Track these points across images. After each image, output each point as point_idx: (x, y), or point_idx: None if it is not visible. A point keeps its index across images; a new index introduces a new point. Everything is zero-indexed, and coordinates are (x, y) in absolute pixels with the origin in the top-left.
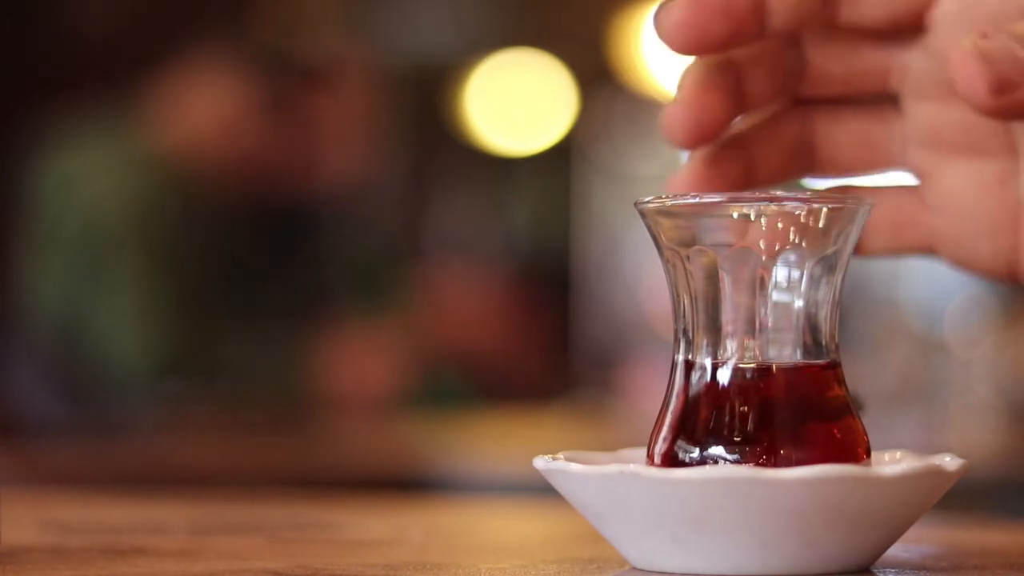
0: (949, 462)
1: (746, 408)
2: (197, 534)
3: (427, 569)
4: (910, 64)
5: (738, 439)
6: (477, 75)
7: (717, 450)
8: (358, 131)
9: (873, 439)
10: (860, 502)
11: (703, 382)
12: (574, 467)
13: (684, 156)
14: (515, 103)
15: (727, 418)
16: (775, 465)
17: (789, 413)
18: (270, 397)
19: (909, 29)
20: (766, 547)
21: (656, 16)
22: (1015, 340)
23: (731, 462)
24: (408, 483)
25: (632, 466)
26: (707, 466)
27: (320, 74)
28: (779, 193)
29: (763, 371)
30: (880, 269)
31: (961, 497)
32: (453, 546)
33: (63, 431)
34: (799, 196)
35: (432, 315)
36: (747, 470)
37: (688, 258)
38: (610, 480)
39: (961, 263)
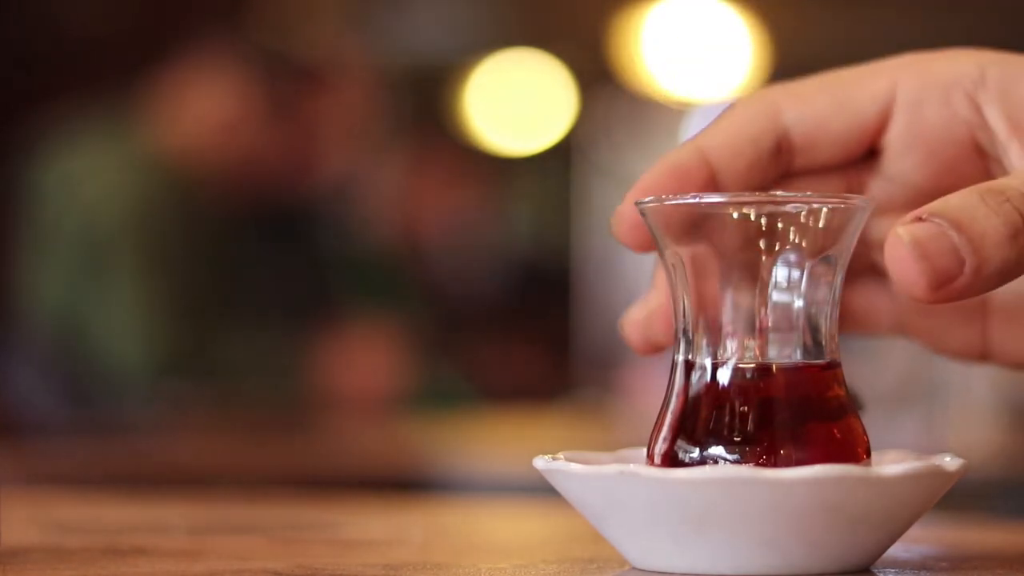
0: (949, 462)
1: (746, 408)
2: (197, 534)
3: (427, 569)
4: (868, 184)
5: (738, 439)
6: (477, 75)
7: (717, 450)
8: (357, 131)
9: (873, 439)
10: (860, 502)
11: (703, 382)
12: (574, 467)
13: None
14: (515, 103)
15: (727, 418)
16: (775, 465)
17: (789, 413)
18: (270, 397)
19: (863, 157)
20: (766, 547)
21: (614, 215)
22: None
23: (731, 462)
24: (408, 483)
25: (632, 466)
26: (707, 466)
27: (319, 74)
28: (779, 193)
29: (763, 371)
30: None
31: (961, 497)
32: (453, 546)
33: (63, 431)
34: (799, 196)
35: (432, 316)
36: (747, 470)
37: (688, 258)
38: (610, 480)
39: (933, 348)
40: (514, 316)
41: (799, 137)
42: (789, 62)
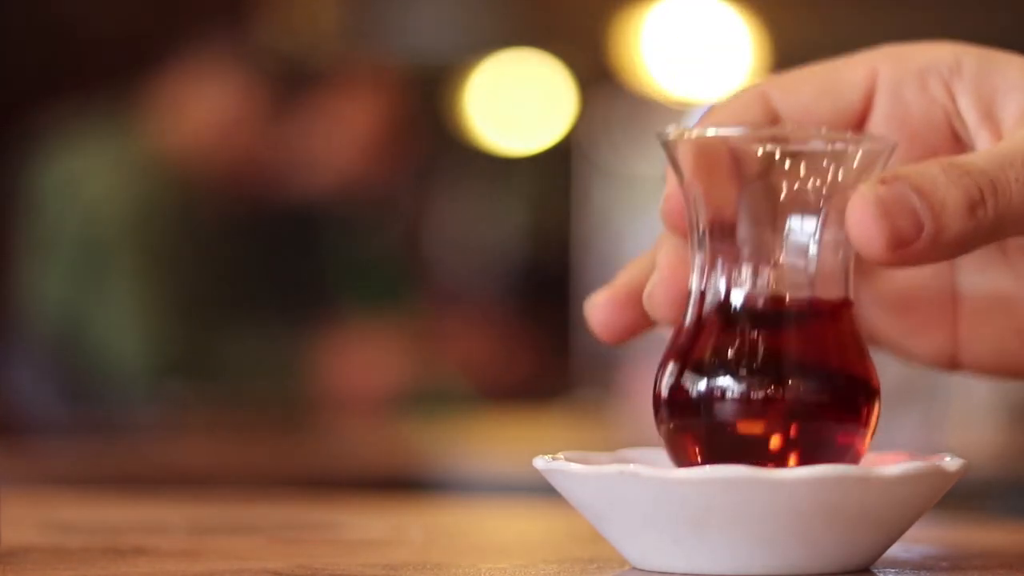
0: (949, 462)
1: (757, 342)
2: (197, 534)
3: (427, 569)
4: None
5: (746, 372)
6: (477, 75)
7: (724, 381)
8: (358, 132)
9: (873, 439)
10: (860, 502)
11: (715, 315)
12: (574, 467)
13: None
14: (515, 103)
15: (737, 351)
16: (783, 398)
17: (799, 348)
18: (270, 397)
19: None
20: (766, 547)
21: (587, 305)
22: None
23: (738, 394)
24: (408, 483)
25: (632, 466)
26: (707, 466)
27: (320, 75)
28: (800, 130)
29: (776, 305)
30: None
31: (961, 497)
32: (453, 546)
33: (63, 431)
34: (820, 134)
35: (432, 316)
36: (747, 470)
37: (707, 191)
38: (610, 480)
39: (901, 355)
40: (514, 316)
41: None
42: (789, 62)
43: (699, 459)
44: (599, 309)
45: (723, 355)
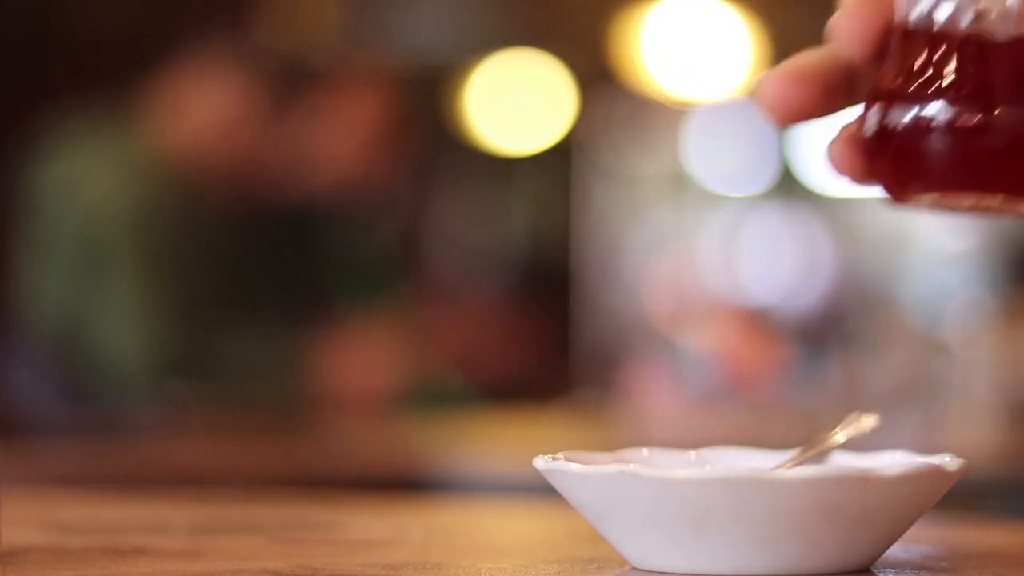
0: (949, 462)
1: (965, 73)
2: (197, 534)
3: (427, 569)
4: None
5: (954, 99)
6: (477, 75)
7: (933, 108)
8: (358, 132)
9: (873, 439)
10: (860, 502)
11: (920, 49)
12: (574, 467)
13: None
14: (515, 103)
15: (945, 81)
16: (986, 127)
17: (1007, 77)
18: (270, 397)
19: None
20: (766, 547)
21: (756, 90)
22: (1015, 340)
23: (945, 122)
24: (408, 483)
25: (632, 466)
26: (707, 466)
27: (320, 76)
28: None
29: (980, 40)
30: (881, 269)
31: (961, 497)
32: (453, 546)
33: (63, 431)
34: None
35: (432, 316)
36: (747, 470)
37: None
38: (610, 480)
39: None
40: (514, 316)
41: None
42: None
43: (911, 187)
44: (770, 85)
45: (930, 86)
